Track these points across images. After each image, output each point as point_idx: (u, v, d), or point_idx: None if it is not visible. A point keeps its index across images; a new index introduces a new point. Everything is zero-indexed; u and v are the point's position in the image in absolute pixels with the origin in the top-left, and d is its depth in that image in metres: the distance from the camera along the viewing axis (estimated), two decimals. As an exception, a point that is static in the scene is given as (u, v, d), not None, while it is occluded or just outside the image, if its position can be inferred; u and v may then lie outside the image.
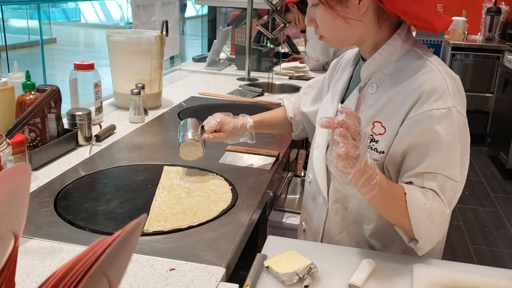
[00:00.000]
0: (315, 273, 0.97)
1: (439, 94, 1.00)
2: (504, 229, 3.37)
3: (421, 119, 1.00)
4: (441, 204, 1.00)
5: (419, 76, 1.03)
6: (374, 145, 1.06)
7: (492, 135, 4.81)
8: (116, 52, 2.11)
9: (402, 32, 1.08)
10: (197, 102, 2.29)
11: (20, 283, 0.90)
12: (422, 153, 1.01)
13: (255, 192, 1.33)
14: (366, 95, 1.11)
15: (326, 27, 1.09)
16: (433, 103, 1.00)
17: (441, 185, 1.01)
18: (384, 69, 1.09)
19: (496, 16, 5.05)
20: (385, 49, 1.08)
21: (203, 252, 1.02)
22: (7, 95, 1.50)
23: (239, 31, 3.54)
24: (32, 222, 1.11)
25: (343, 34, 1.09)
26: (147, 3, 2.50)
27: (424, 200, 0.99)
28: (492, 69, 4.85)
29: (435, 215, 1.00)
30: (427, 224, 1.00)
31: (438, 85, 1.01)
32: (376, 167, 0.98)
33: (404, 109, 1.03)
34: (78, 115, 1.64)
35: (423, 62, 1.05)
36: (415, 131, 1.01)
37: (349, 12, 1.05)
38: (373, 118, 1.07)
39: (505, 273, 1.05)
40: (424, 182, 1.01)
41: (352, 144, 0.89)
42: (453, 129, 1.00)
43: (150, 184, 1.35)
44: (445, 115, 0.99)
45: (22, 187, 0.42)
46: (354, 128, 0.90)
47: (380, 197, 1.00)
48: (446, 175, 1.01)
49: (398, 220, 1.03)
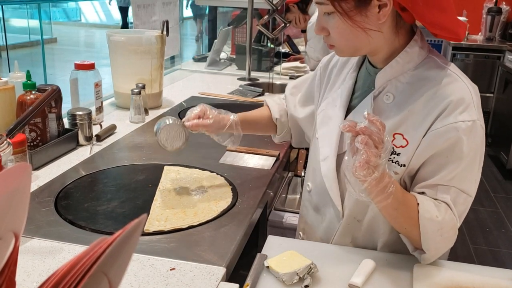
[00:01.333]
0: (315, 273, 0.97)
1: (465, 106, 0.97)
2: (504, 229, 3.37)
3: (446, 130, 0.97)
4: (453, 217, 0.99)
5: (443, 86, 1.00)
6: (395, 158, 1.02)
7: (492, 135, 4.80)
8: (116, 52, 2.11)
9: (418, 38, 1.04)
10: (197, 102, 2.27)
11: (20, 283, 0.90)
12: (440, 164, 0.99)
13: (255, 192, 1.33)
14: (381, 104, 1.06)
15: (341, 37, 1.03)
16: (458, 115, 0.97)
17: (454, 198, 0.99)
18: (401, 78, 1.04)
19: (496, 16, 5.05)
20: (403, 56, 1.03)
21: (203, 252, 1.02)
22: (8, 95, 1.50)
23: (239, 31, 3.54)
24: (33, 222, 1.11)
25: (359, 44, 1.03)
26: (148, 3, 2.50)
27: (436, 213, 0.97)
28: (492, 69, 4.85)
29: (446, 228, 0.98)
30: (437, 237, 0.98)
31: (465, 97, 0.98)
32: (392, 176, 0.96)
33: (428, 121, 0.99)
34: (79, 114, 1.64)
35: (444, 72, 1.02)
36: (438, 142, 0.98)
37: (368, 22, 0.99)
38: (393, 130, 1.02)
39: (505, 273, 1.05)
40: (437, 194, 0.99)
41: (375, 153, 0.86)
42: (475, 143, 0.98)
43: (150, 184, 1.35)
44: (470, 128, 0.97)
45: (22, 186, 0.42)
46: (377, 136, 0.87)
47: (393, 206, 0.97)
48: (461, 188, 0.99)
49: (407, 230, 1.01)
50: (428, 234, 0.97)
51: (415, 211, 0.97)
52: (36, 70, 3.01)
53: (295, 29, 3.76)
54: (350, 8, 0.98)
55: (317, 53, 3.11)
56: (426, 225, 0.97)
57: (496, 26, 5.07)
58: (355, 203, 1.09)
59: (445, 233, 0.99)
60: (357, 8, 0.97)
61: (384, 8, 0.97)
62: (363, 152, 0.86)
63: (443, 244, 1.01)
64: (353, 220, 1.12)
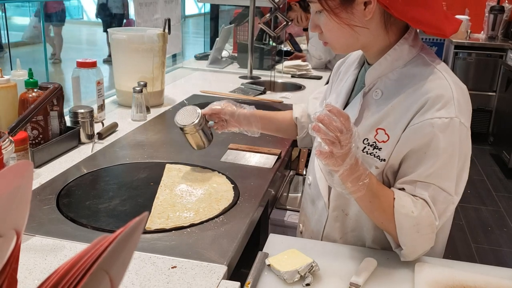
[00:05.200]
0: (317, 271, 0.97)
1: (443, 103, 0.98)
2: (506, 228, 3.36)
3: (422, 126, 0.98)
4: (430, 215, 0.98)
5: (425, 83, 1.01)
6: (377, 152, 1.04)
7: (494, 134, 4.79)
8: (118, 50, 2.11)
9: (409, 36, 1.05)
10: (199, 100, 2.29)
11: (22, 280, 0.90)
12: (418, 160, 0.99)
13: (257, 190, 1.33)
14: (370, 100, 1.08)
15: (331, 34, 1.06)
16: (436, 111, 0.97)
17: (433, 195, 0.99)
18: (390, 75, 1.06)
19: (499, 15, 5.04)
20: (391, 54, 1.05)
21: (204, 250, 1.02)
22: (10, 93, 1.51)
23: (241, 29, 3.54)
24: (35, 220, 1.11)
25: (348, 41, 1.05)
26: (150, 1, 2.50)
27: (412, 208, 0.97)
28: (495, 68, 4.84)
29: (423, 225, 0.98)
30: (413, 233, 0.98)
31: (444, 93, 0.99)
32: (368, 169, 0.98)
33: (407, 116, 1.00)
34: (81, 112, 1.64)
35: (430, 69, 1.02)
36: (415, 138, 0.99)
37: (354, 19, 1.01)
38: (376, 125, 1.05)
39: (507, 272, 1.05)
40: (416, 190, 0.99)
41: (330, 141, 0.90)
42: (453, 140, 0.98)
43: (152, 182, 1.35)
44: (446, 125, 0.97)
45: (24, 184, 0.42)
46: (335, 125, 0.90)
47: (367, 199, 0.99)
48: (440, 186, 0.99)
49: (384, 225, 1.02)
50: (404, 230, 0.98)
51: (390, 205, 0.98)
52: (38, 68, 3.01)
53: (297, 28, 3.76)
54: (335, 6, 1.00)
55: (319, 51, 3.11)
56: (401, 220, 0.98)
57: (498, 24, 5.06)
58: (339, 194, 1.10)
59: (421, 230, 0.98)
60: (343, 5, 1.00)
61: (370, 5, 0.99)
62: (322, 141, 0.90)
63: (421, 241, 1.00)
64: (341, 213, 1.14)
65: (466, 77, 4.95)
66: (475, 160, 4.56)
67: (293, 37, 3.71)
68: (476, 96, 4.94)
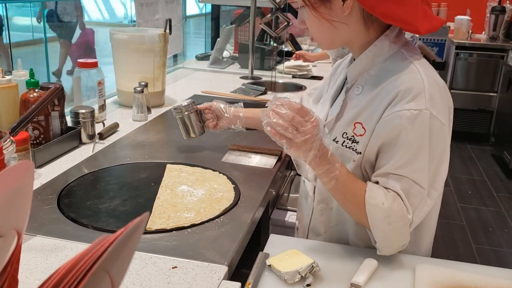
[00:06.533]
0: (317, 272, 0.97)
1: (413, 95, 0.98)
2: (507, 229, 3.36)
3: (392, 118, 0.99)
4: (402, 207, 0.98)
5: (398, 77, 1.02)
6: (355, 146, 1.06)
7: (495, 135, 4.79)
8: (119, 50, 2.11)
9: (391, 33, 1.05)
10: (200, 100, 2.28)
11: (23, 280, 0.90)
12: (389, 152, 1.00)
13: (257, 190, 1.33)
14: (352, 96, 1.10)
15: (313, 29, 1.09)
16: (405, 103, 0.98)
17: (406, 188, 0.99)
18: (371, 71, 1.08)
19: (500, 15, 5.03)
20: (372, 50, 1.06)
21: (205, 250, 1.03)
22: (11, 93, 1.51)
23: (242, 30, 3.54)
24: (35, 220, 1.12)
25: (330, 36, 1.08)
26: (151, 1, 2.50)
27: (383, 200, 0.98)
28: (496, 68, 4.84)
29: (394, 217, 0.98)
30: (385, 226, 0.99)
31: (414, 86, 0.99)
32: (339, 161, 1.00)
33: (380, 109, 1.02)
34: (82, 113, 1.64)
35: (406, 63, 1.03)
36: (386, 130, 1.00)
37: (333, 14, 1.03)
38: (354, 119, 1.06)
39: (508, 273, 1.05)
40: (388, 182, 1.00)
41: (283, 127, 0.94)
42: (422, 132, 0.98)
43: (153, 182, 1.35)
44: (415, 117, 0.97)
45: (25, 184, 0.42)
46: (283, 112, 0.94)
47: (339, 190, 1.02)
48: (413, 179, 0.98)
49: (358, 217, 1.03)
50: (375, 222, 0.99)
51: (362, 197, 0.99)
52: (39, 68, 3.01)
53: (298, 28, 3.76)
54: (315, 1, 1.04)
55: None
56: (372, 211, 0.98)
57: (499, 25, 5.06)
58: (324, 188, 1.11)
59: (393, 223, 0.98)
60: (322, 0, 1.03)
61: (347, 1, 1.01)
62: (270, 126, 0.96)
63: (394, 234, 1.00)
64: (326, 206, 1.16)
65: (467, 77, 4.95)
66: (476, 161, 4.55)
67: (294, 38, 3.71)
68: (477, 96, 4.94)
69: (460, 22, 5.01)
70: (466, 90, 4.97)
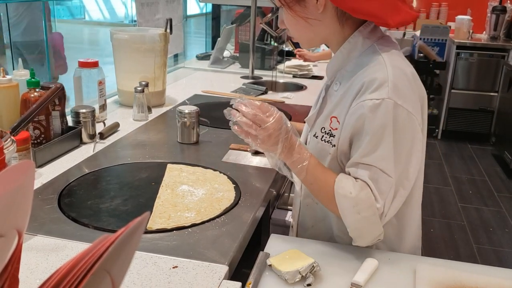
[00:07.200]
0: (318, 271, 0.97)
1: (376, 86, 0.99)
2: (508, 229, 3.36)
3: (356, 109, 1.01)
4: (370, 196, 0.99)
5: (366, 69, 1.03)
6: (332, 140, 1.08)
7: (496, 134, 4.79)
8: (120, 50, 2.11)
9: (364, 29, 1.07)
10: (200, 100, 2.29)
11: (24, 280, 0.90)
12: (358, 143, 1.02)
13: (258, 190, 1.33)
14: (331, 93, 1.13)
15: (291, 28, 1.11)
16: (368, 94, 1.00)
17: (374, 177, 0.99)
18: (347, 67, 1.10)
19: (501, 15, 5.03)
20: (346, 46, 1.08)
21: (206, 250, 1.03)
22: (12, 93, 1.51)
23: (243, 29, 3.54)
24: (36, 219, 1.12)
25: (307, 35, 1.11)
26: (151, 1, 2.50)
27: (351, 189, 0.99)
28: (496, 68, 4.83)
29: (362, 206, 0.99)
30: (354, 215, 1.00)
31: (378, 77, 1.00)
32: (308, 153, 1.05)
33: (349, 102, 1.04)
34: (82, 112, 1.64)
35: (375, 56, 1.05)
36: (352, 121, 1.02)
37: (308, 12, 1.06)
38: (330, 114, 1.09)
39: (508, 273, 1.05)
40: (358, 172, 1.01)
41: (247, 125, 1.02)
42: (384, 120, 0.98)
43: (153, 181, 1.35)
44: (377, 106, 0.98)
45: (26, 184, 0.42)
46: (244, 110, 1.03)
47: (309, 181, 1.05)
48: (379, 167, 0.99)
49: (331, 208, 1.05)
50: (345, 211, 1.01)
51: (332, 187, 1.01)
52: (40, 68, 3.01)
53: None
54: (290, 0, 1.06)
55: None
56: (340, 201, 1.00)
57: (500, 25, 5.05)
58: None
59: (362, 212, 0.99)
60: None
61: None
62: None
63: (365, 224, 1.00)
64: (312, 201, 1.18)
65: (468, 77, 4.95)
66: (477, 161, 4.55)
67: (294, 37, 3.70)
68: (478, 96, 4.94)
69: (461, 22, 5.01)
70: (467, 90, 4.96)
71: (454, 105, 4.99)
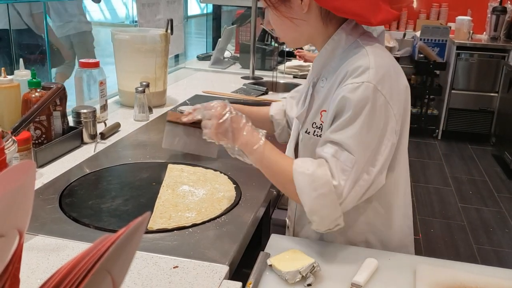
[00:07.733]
0: (318, 271, 0.97)
1: (359, 72, 1.01)
2: (508, 229, 3.36)
3: (338, 93, 1.03)
4: (327, 173, 0.98)
5: (350, 61, 1.05)
6: (319, 133, 1.10)
7: (496, 135, 4.78)
8: (121, 50, 2.12)
9: (347, 26, 1.09)
10: (201, 100, 2.28)
11: (24, 280, 0.91)
12: (335, 122, 1.03)
13: (258, 190, 1.33)
14: (319, 89, 1.15)
15: (277, 28, 1.13)
16: (351, 79, 1.01)
17: (336, 155, 1.00)
18: (332, 63, 1.11)
19: (501, 16, 5.02)
20: (330, 43, 1.10)
21: (206, 250, 1.03)
22: (13, 93, 1.51)
23: (243, 30, 3.54)
24: (37, 219, 1.12)
25: (293, 34, 1.13)
26: (152, 2, 2.50)
27: (308, 166, 1.00)
28: (497, 69, 4.83)
29: (319, 183, 0.98)
30: (311, 192, 0.99)
31: (361, 64, 1.02)
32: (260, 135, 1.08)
33: (334, 91, 1.06)
34: (83, 113, 1.64)
35: (359, 50, 1.06)
36: (333, 105, 1.03)
37: (293, 12, 1.08)
38: (319, 108, 1.11)
39: (508, 273, 1.05)
40: (323, 150, 1.02)
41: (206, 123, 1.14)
42: (361, 100, 0.99)
43: (154, 182, 1.35)
44: (356, 87, 1.00)
45: (27, 184, 0.42)
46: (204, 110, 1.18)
47: (265, 165, 1.08)
48: (344, 145, 0.99)
49: (286, 191, 1.07)
50: (302, 189, 1.01)
51: (290, 167, 1.03)
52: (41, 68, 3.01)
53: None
54: (275, 0, 1.08)
55: None
56: (298, 178, 1.01)
57: (501, 25, 5.05)
58: None
59: (318, 188, 0.98)
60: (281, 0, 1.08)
61: None
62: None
63: (319, 201, 0.99)
64: None
65: (468, 78, 4.94)
66: (477, 161, 4.55)
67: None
68: (478, 97, 4.93)
69: (461, 23, 5.01)
70: (467, 91, 4.96)
71: (454, 105, 4.99)
